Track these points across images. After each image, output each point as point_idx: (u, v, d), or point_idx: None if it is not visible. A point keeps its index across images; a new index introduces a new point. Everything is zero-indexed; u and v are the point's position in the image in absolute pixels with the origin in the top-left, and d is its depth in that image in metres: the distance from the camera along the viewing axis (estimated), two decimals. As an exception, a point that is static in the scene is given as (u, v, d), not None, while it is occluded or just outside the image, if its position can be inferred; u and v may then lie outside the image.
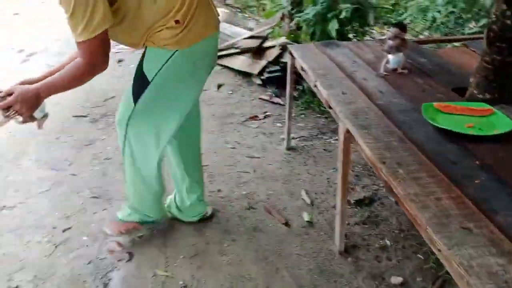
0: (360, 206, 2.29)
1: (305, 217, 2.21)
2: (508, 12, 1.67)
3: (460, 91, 1.91)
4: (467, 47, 2.66)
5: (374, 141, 1.51)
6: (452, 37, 3.62)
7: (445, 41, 3.44)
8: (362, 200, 2.33)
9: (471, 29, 3.98)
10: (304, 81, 3.23)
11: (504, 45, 1.71)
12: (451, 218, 1.13)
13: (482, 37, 1.85)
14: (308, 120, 3.27)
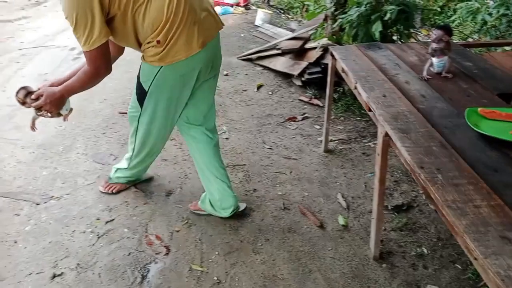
0: (397, 212, 2.25)
1: (340, 220, 2.19)
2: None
3: (506, 97, 1.85)
4: (518, 51, 2.55)
5: (413, 145, 1.49)
6: (502, 41, 3.46)
7: (494, 45, 3.30)
8: (400, 206, 2.29)
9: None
10: (345, 83, 3.20)
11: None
12: (490, 226, 1.10)
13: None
14: (347, 123, 3.24)
